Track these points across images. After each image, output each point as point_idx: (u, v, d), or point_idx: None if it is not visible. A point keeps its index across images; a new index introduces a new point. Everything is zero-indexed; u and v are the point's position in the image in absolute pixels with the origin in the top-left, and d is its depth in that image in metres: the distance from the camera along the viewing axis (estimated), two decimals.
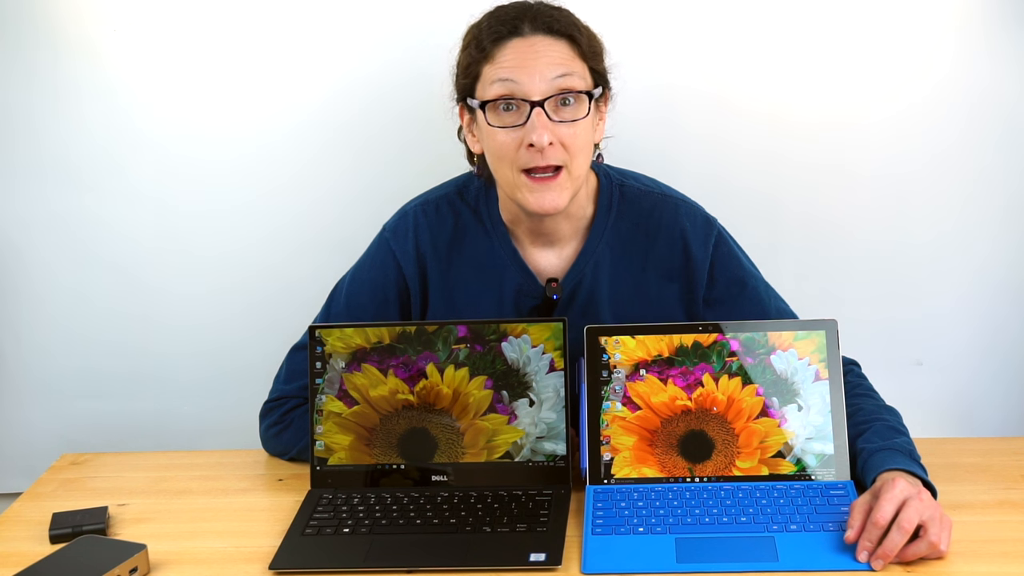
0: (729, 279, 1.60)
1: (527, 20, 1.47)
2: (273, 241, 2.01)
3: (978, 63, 1.89)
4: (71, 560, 1.31)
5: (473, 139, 1.54)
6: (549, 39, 1.46)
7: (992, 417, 2.04)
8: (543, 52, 1.45)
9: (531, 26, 1.46)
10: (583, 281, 1.59)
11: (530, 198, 1.47)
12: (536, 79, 1.44)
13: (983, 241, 1.97)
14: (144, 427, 2.08)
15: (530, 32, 1.46)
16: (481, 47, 1.47)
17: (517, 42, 1.46)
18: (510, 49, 1.46)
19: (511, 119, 1.46)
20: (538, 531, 1.36)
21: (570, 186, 1.48)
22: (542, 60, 1.45)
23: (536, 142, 1.43)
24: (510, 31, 1.46)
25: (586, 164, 1.50)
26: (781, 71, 1.91)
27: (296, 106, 1.95)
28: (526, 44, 1.45)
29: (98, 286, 2.03)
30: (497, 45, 1.46)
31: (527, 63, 1.44)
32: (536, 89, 1.44)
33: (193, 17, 1.91)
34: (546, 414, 1.48)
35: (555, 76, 1.44)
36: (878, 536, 1.27)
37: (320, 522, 1.41)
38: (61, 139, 1.97)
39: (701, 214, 1.61)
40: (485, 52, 1.47)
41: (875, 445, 1.41)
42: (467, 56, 1.50)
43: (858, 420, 1.47)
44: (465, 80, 1.50)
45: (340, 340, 1.51)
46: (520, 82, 1.44)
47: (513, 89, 1.44)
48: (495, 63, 1.46)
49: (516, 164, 1.46)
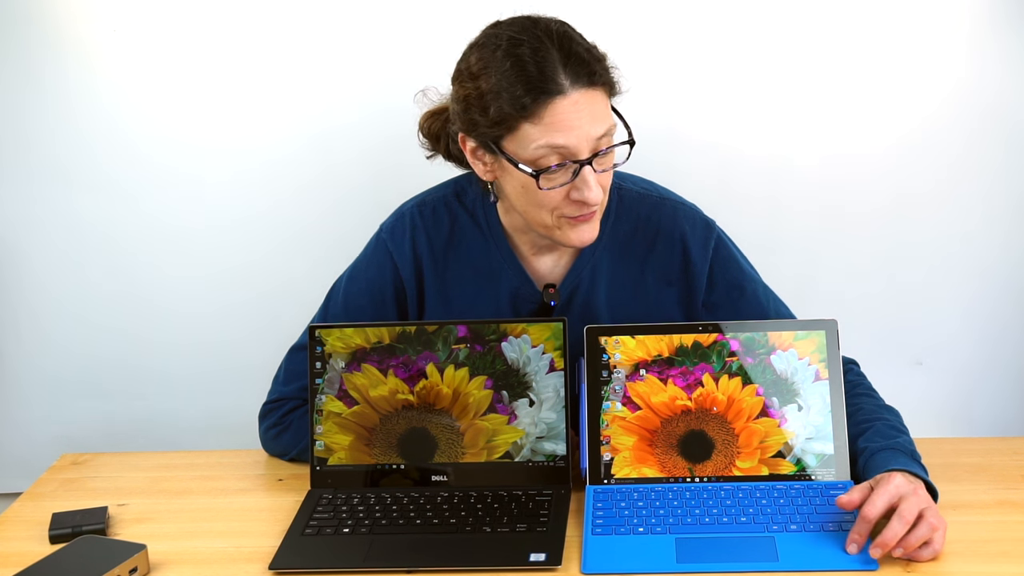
0: (729, 283, 1.60)
1: (563, 71, 1.37)
2: (272, 241, 2.01)
3: (977, 63, 1.89)
4: (71, 560, 1.31)
5: (484, 168, 1.48)
6: (589, 92, 1.39)
7: (992, 417, 2.05)
8: (586, 109, 1.39)
9: (571, 79, 1.38)
10: (580, 285, 1.59)
11: (571, 234, 1.46)
12: (585, 140, 1.39)
13: (984, 241, 1.97)
14: (144, 427, 2.09)
15: (571, 87, 1.38)
16: (520, 103, 1.37)
17: (561, 102, 1.37)
18: (554, 111, 1.37)
19: (560, 179, 1.41)
20: (538, 531, 1.36)
21: (600, 214, 1.49)
22: (585, 118, 1.38)
23: (591, 200, 1.41)
24: (554, 90, 1.37)
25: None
26: (782, 71, 1.91)
27: (295, 106, 1.95)
28: (570, 103, 1.38)
29: (98, 287, 2.03)
30: (538, 104, 1.37)
31: (575, 125, 1.38)
32: (585, 148, 1.39)
33: (189, 17, 1.91)
34: (546, 414, 1.48)
35: (599, 135, 1.40)
36: (867, 530, 1.28)
37: (320, 522, 1.41)
38: (62, 140, 1.97)
39: (700, 217, 1.61)
40: (526, 109, 1.38)
41: (877, 444, 1.41)
42: (497, 105, 1.38)
43: (859, 419, 1.47)
44: (494, 130, 1.41)
45: (340, 340, 1.51)
46: (569, 145, 1.39)
47: (563, 152, 1.39)
48: (541, 125, 1.38)
49: (557, 212, 1.45)
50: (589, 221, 1.46)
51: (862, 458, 1.42)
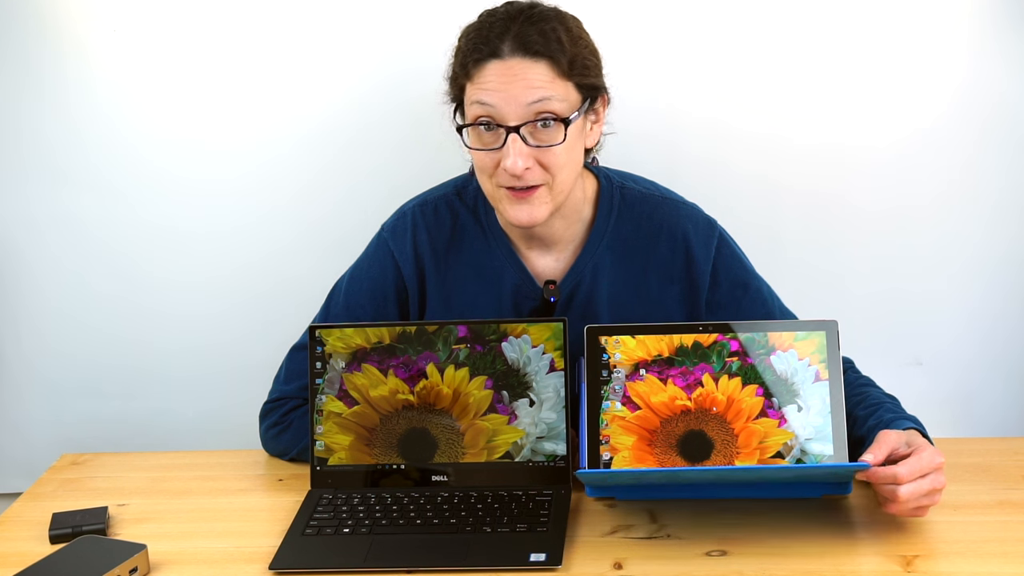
0: (732, 281, 1.60)
1: (508, 39, 1.42)
2: (273, 241, 2.01)
3: (976, 64, 1.89)
4: (71, 560, 1.31)
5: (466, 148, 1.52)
6: (527, 61, 1.42)
7: (992, 417, 2.05)
8: (520, 75, 1.41)
9: (511, 46, 1.42)
10: (581, 283, 1.59)
11: (509, 210, 1.48)
12: (512, 104, 1.41)
13: (985, 241, 1.97)
14: (144, 427, 2.09)
15: (508, 54, 1.42)
16: (464, 64, 1.45)
17: (494, 65, 1.42)
18: (488, 72, 1.42)
19: (490, 139, 1.44)
20: (538, 531, 1.36)
21: (550, 200, 1.47)
22: (518, 84, 1.41)
23: (510, 169, 1.42)
24: (490, 52, 1.42)
25: (571, 177, 1.49)
26: (782, 70, 1.91)
27: (295, 105, 1.95)
28: (504, 67, 1.42)
29: (98, 286, 2.03)
30: (477, 66, 1.43)
31: (503, 87, 1.41)
32: (512, 114, 1.41)
33: (190, 18, 1.91)
34: (546, 414, 1.48)
35: (532, 101, 1.41)
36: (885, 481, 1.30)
37: (320, 522, 1.41)
38: (61, 139, 1.97)
39: (702, 216, 1.61)
40: (467, 71, 1.44)
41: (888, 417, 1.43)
42: (452, 68, 1.48)
43: (868, 403, 1.48)
44: (453, 92, 1.50)
45: (340, 340, 1.51)
46: (496, 106, 1.41)
47: (491, 112, 1.42)
48: (474, 84, 1.44)
49: (494, 181, 1.47)
50: (527, 200, 1.46)
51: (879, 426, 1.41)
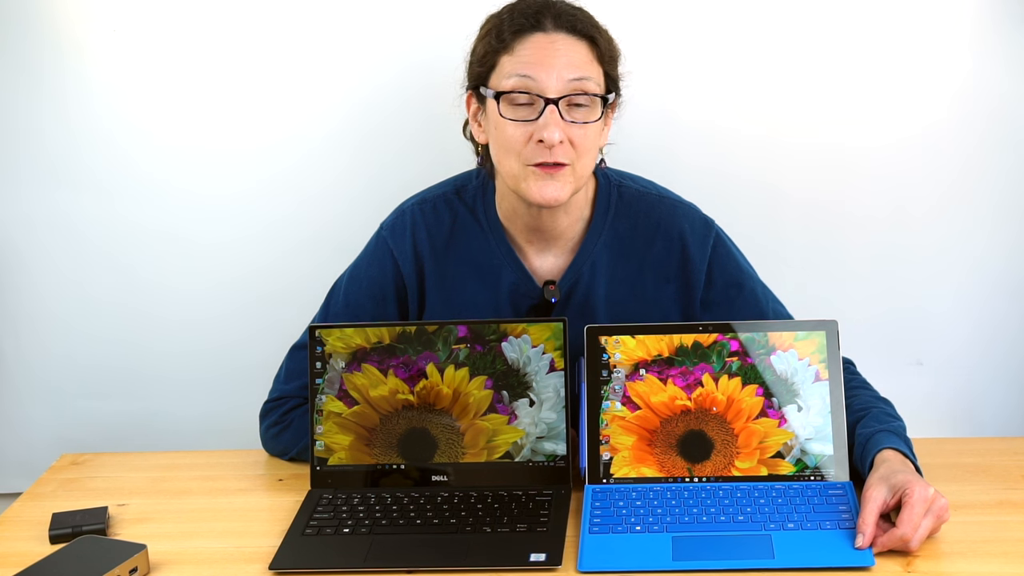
0: (727, 281, 1.60)
1: (550, 16, 1.46)
2: (273, 240, 2.01)
3: (977, 65, 1.89)
4: (71, 560, 1.31)
5: (479, 129, 1.54)
6: (571, 38, 1.46)
7: (992, 417, 2.05)
8: (563, 51, 1.45)
9: (554, 23, 1.45)
10: (580, 282, 1.59)
11: (533, 187, 1.47)
12: (554, 77, 1.44)
13: (984, 241, 1.97)
14: (144, 427, 2.08)
15: (552, 29, 1.45)
16: (501, 37, 1.46)
17: (539, 37, 1.45)
18: (531, 43, 1.45)
19: (524, 113, 1.45)
20: (538, 531, 1.36)
21: (572, 182, 1.48)
22: (562, 59, 1.44)
23: (547, 139, 1.43)
24: (533, 25, 1.45)
25: (591, 165, 1.50)
26: (782, 70, 1.91)
27: (295, 105, 1.95)
28: (547, 40, 1.45)
29: (98, 286, 2.03)
30: (518, 37, 1.45)
31: (547, 60, 1.44)
32: (553, 87, 1.44)
33: (190, 19, 1.91)
34: (546, 414, 1.48)
35: (573, 77, 1.44)
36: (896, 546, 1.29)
37: (320, 522, 1.41)
38: (60, 139, 1.97)
39: (699, 216, 1.62)
40: (505, 43, 1.46)
41: (872, 428, 1.43)
42: (485, 45, 1.48)
43: (855, 408, 1.48)
44: (480, 68, 1.49)
45: (340, 340, 1.51)
46: (538, 78, 1.44)
47: (530, 84, 1.44)
48: (514, 55, 1.45)
49: (523, 158, 1.46)
50: (554, 176, 1.46)
51: (858, 442, 1.43)
